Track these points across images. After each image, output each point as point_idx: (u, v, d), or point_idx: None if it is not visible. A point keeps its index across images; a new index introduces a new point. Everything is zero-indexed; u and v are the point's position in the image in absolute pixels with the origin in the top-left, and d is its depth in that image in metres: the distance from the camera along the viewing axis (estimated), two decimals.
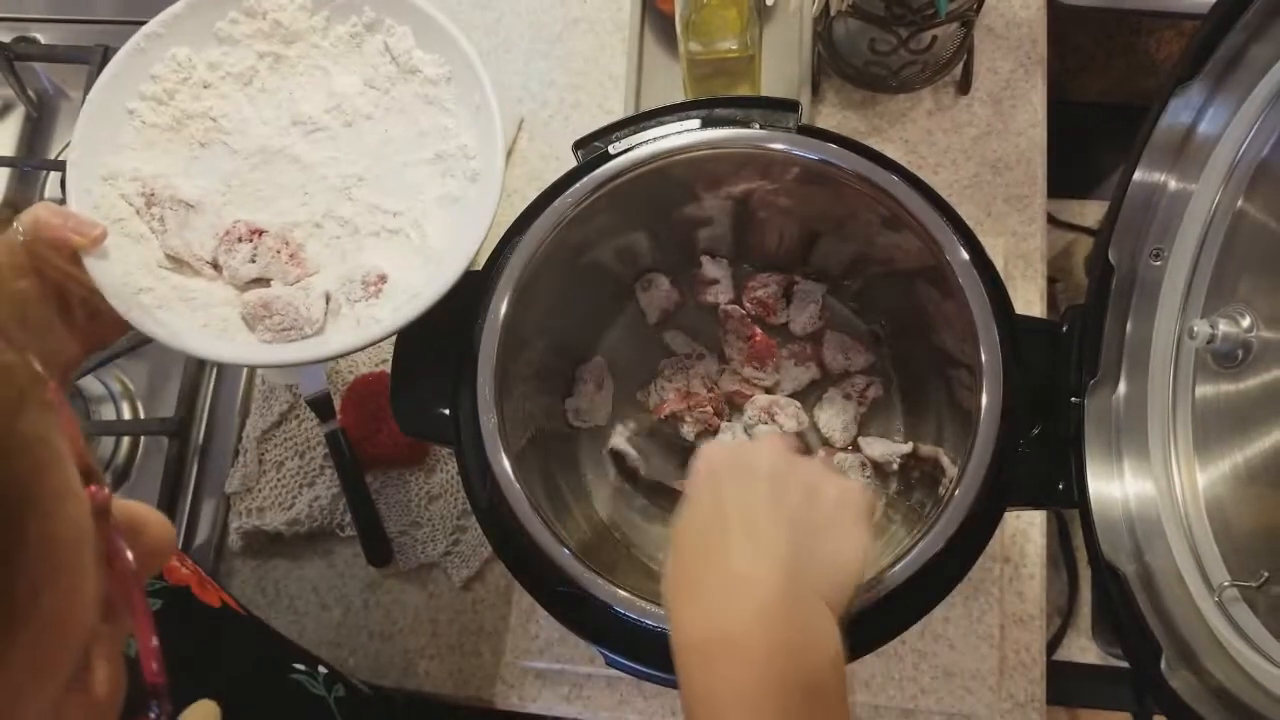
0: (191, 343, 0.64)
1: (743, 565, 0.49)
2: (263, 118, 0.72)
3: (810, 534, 0.51)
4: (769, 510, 0.51)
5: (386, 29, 0.71)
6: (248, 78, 0.72)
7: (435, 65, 0.70)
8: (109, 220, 0.65)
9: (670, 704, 0.84)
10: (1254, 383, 0.53)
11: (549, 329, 0.75)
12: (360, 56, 0.72)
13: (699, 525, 0.53)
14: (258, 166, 0.71)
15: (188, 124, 0.71)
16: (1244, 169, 0.55)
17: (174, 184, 0.69)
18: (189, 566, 0.63)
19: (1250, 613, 0.50)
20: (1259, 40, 0.52)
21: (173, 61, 0.70)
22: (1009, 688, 0.82)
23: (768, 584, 0.48)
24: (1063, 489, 0.61)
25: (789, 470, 0.54)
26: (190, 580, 0.61)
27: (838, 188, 0.67)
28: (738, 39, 0.83)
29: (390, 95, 0.72)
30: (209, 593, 0.62)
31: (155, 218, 0.68)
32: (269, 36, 0.71)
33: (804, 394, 0.82)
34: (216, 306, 0.68)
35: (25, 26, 1.06)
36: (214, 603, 0.61)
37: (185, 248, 0.68)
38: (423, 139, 0.72)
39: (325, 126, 0.72)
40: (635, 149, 0.66)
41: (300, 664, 0.62)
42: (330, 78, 0.72)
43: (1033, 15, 0.97)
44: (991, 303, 0.61)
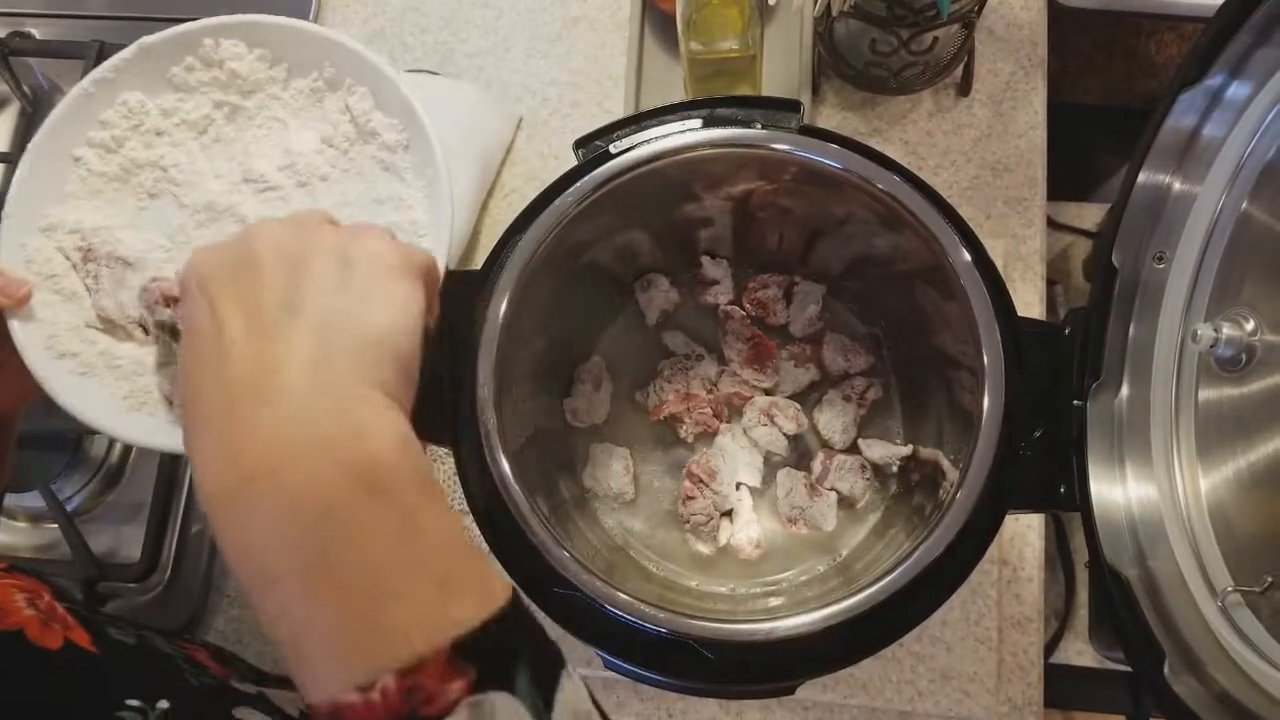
0: (109, 424, 0.60)
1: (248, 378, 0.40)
2: (215, 170, 0.68)
3: (340, 312, 0.43)
4: (281, 305, 0.42)
5: (347, 87, 0.67)
6: (202, 126, 0.68)
7: (394, 130, 0.66)
8: (41, 276, 0.62)
9: (668, 705, 0.84)
10: (1258, 387, 0.53)
11: (548, 329, 0.74)
12: (320, 113, 0.68)
13: (198, 348, 0.43)
14: (204, 224, 0.67)
15: (137, 173, 0.66)
16: (1249, 172, 0.54)
17: (116, 237, 0.65)
18: (42, 604, 0.57)
19: (1254, 618, 0.50)
20: (1266, 43, 0.52)
21: (124, 107, 0.66)
22: (1007, 691, 0.82)
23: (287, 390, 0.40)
24: (1064, 492, 0.61)
25: (300, 249, 0.44)
26: (29, 623, 0.55)
27: (839, 188, 0.66)
28: (739, 39, 0.82)
29: (348, 156, 0.68)
30: (51, 634, 0.56)
31: (90, 274, 0.64)
32: (226, 86, 0.67)
33: (803, 395, 0.81)
34: (145, 375, 0.63)
35: (20, 21, 1.06)
36: (53, 644, 0.55)
37: (118, 309, 0.64)
38: (378, 207, 0.68)
39: (278, 186, 0.68)
40: (636, 148, 0.66)
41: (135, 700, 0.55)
42: (288, 132, 0.68)
43: (1033, 17, 0.97)
44: (993, 305, 0.61)
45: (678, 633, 0.58)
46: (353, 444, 0.39)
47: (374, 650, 0.36)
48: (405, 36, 1.03)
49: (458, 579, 0.39)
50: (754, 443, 0.80)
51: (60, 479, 0.92)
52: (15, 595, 0.57)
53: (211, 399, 0.41)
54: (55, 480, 0.91)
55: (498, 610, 0.38)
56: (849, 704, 0.82)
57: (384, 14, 1.04)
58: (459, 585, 0.38)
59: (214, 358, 0.41)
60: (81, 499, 0.93)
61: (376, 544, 0.37)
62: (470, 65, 1.02)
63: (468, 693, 0.36)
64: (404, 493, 0.39)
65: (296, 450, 0.38)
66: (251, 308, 0.42)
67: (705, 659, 0.59)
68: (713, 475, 0.77)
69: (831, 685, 0.82)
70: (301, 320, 0.42)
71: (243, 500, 0.38)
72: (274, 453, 0.38)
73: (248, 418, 0.39)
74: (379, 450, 0.39)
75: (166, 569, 0.89)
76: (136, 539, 0.89)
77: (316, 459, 0.38)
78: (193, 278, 0.44)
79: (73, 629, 0.57)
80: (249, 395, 0.40)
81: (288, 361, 0.40)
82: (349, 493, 0.38)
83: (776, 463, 0.80)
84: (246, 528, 0.38)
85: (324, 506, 0.37)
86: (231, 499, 0.38)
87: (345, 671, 0.36)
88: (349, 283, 0.44)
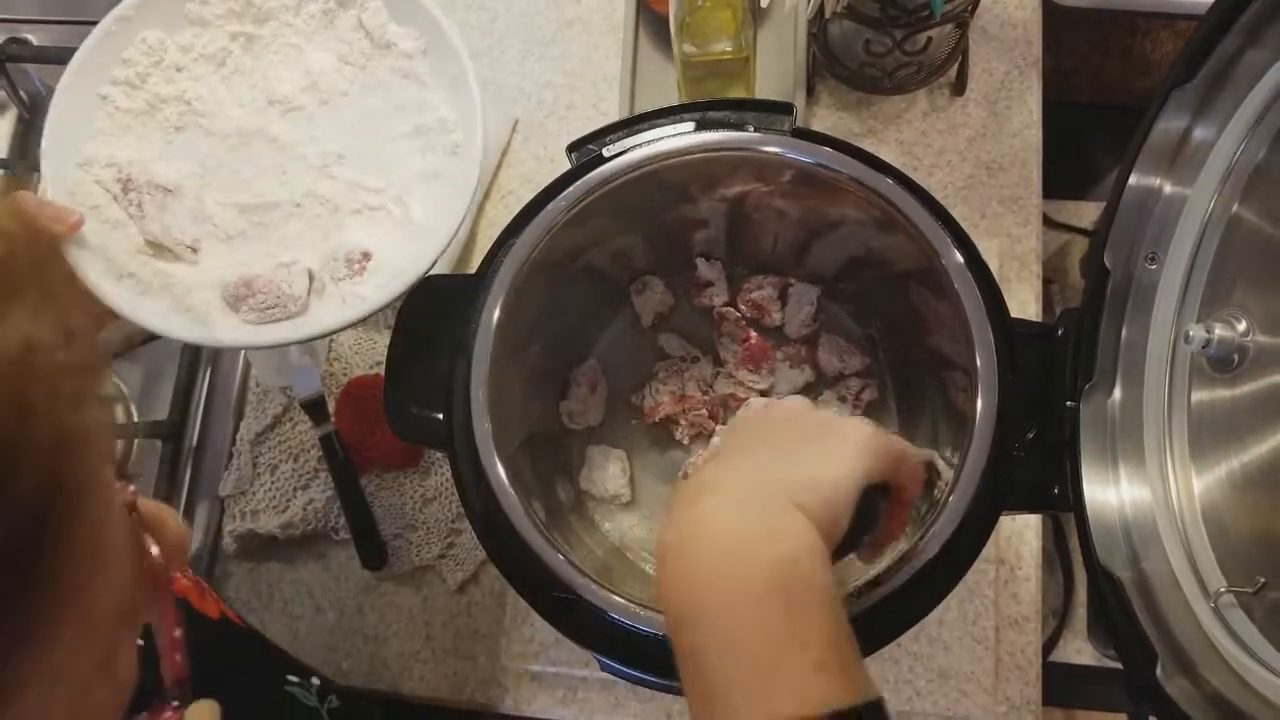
0: (176, 328, 0.64)
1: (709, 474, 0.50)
2: (238, 99, 0.71)
3: (791, 447, 0.51)
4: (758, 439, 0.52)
5: (359, 4, 0.70)
6: (221, 59, 0.71)
7: (410, 39, 0.70)
8: (86, 207, 0.65)
9: (665, 707, 0.84)
10: (1250, 388, 0.53)
11: (543, 332, 0.74)
12: (334, 33, 0.71)
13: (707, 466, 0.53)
14: (235, 148, 0.70)
15: (161, 108, 0.70)
16: (1240, 173, 0.54)
17: (150, 169, 0.68)
18: (189, 577, 0.62)
19: (1247, 619, 0.50)
20: (1256, 44, 0.52)
21: (144, 45, 0.69)
22: (1005, 690, 0.82)
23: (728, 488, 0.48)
24: (1058, 494, 0.61)
25: (801, 416, 0.54)
26: (190, 592, 0.60)
27: (832, 191, 0.67)
28: (732, 40, 0.82)
29: (366, 71, 0.71)
30: (208, 604, 0.61)
31: (133, 203, 0.67)
32: (240, 16, 0.70)
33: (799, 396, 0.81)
34: (198, 290, 0.67)
35: (17, 28, 1.06)
36: (213, 614, 0.61)
37: (164, 233, 0.67)
38: (401, 114, 0.71)
39: (301, 105, 0.71)
40: (630, 152, 0.66)
41: (294, 675, 0.61)
42: (304, 56, 0.71)
43: (1028, 16, 0.97)
44: (986, 306, 0.61)
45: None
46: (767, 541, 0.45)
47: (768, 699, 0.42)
48: None
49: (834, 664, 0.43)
50: None
51: None
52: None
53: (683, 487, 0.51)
54: None
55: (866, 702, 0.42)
56: None
57: None
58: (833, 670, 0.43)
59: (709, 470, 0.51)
60: None
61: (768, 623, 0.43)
62: None
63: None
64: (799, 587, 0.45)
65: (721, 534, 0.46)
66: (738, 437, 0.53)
67: None
68: None
69: None
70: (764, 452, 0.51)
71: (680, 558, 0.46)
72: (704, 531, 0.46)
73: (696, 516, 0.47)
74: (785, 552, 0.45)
75: None
76: None
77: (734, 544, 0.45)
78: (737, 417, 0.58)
79: (220, 603, 0.63)
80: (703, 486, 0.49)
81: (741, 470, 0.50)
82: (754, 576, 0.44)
83: None
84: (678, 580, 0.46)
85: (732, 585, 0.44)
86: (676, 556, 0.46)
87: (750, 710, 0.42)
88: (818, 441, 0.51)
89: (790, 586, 0.44)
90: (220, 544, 0.91)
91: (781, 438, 0.52)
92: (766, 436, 0.52)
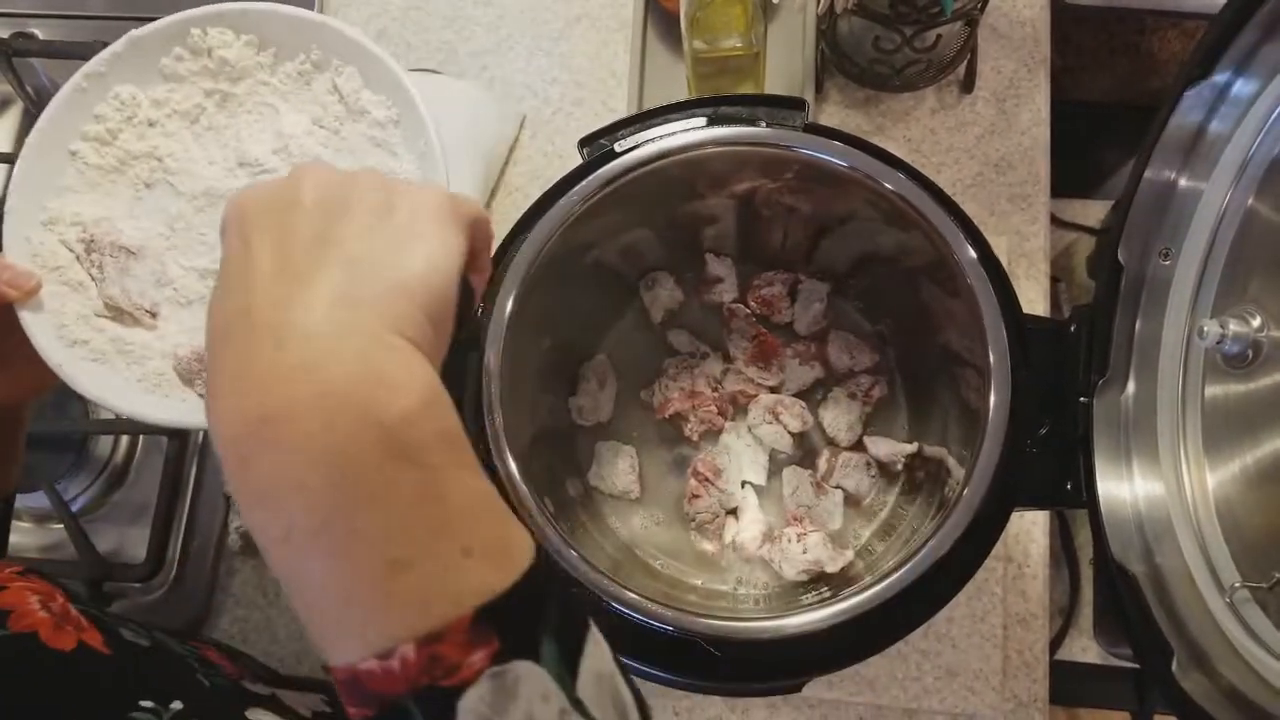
0: (126, 404, 0.62)
1: (270, 315, 0.38)
2: (209, 157, 0.69)
3: (375, 254, 0.41)
4: (313, 243, 0.40)
5: (334, 68, 0.68)
6: (194, 115, 0.69)
7: (383, 107, 0.67)
8: (47, 268, 0.63)
9: (672, 703, 0.84)
10: (1265, 383, 0.53)
11: (553, 327, 0.74)
12: (309, 94, 0.69)
13: (226, 286, 0.41)
14: (203, 209, 0.68)
15: (132, 164, 0.68)
16: (1255, 168, 0.54)
17: (117, 228, 0.66)
18: (55, 607, 0.58)
19: (1262, 614, 0.50)
20: (1271, 39, 0.52)
21: (116, 100, 0.67)
22: (1012, 687, 0.82)
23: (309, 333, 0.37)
24: (1071, 489, 0.61)
25: (344, 193, 0.43)
26: (42, 625, 0.55)
27: (844, 186, 0.66)
28: (742, 37, 0.82)
29: (340, 136, 0.69)
30: (63, 636, 0.56)
31: (94, 265, 0.65)
32: (215, 74, 0.68)
33: (808, 393, 0.81)
34: (154, 359, 0.65)
35: (23, 22, 1.06)
36: (65, 646, 0.55)
37: (124, 296, 0.65)
38: None
39: (272, 169, 0.69)
40: (641, 147, 0.66)
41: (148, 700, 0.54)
42: (279, 116, 0.69)
43: (1036, 14, 0.97)
44: (999, 302, 0.61)
45: (685, 631, 0.59)
46: (375, 394, 0.36)
47: (393, 617, 0.34)
48: (408, 35, 1.03)
49: (482, 544, 0.37)
50: (759, 441, 0.80)
51: (65, 479, 0.92)
52: (29, 598, 0.58)
53: (233, 334, 0.39)
54: (60, 481, 0.91)
55: (522, 574, 0.37)
56: (855, 701, 0.82)
57: (387, 13, 1.04)
58: (483, 551, 0.36)
59: (240, 293, 0.39)
60: (86, 499, 0.93)
61: (396, 505, 0.35)
62: (473, 64, 1.02)
63: (491, 663, 0.35)
64: (430, 451, 0.37)
65: (315, 395, 0.36)
66: (284, 245, 0.40)
67: (712, 657, 0.59)
68: (718, 473, 0.77)
69: (837, 682, 0.82)
70: (330, 259, 0.40)
71: (257, 442, 0.35)
72: (291, 395, 0.36)
73: (267, 356, 0.37)
74: (403, 404, 0.36)
75: (171, 569, 0.90)
76: (141, 539, 0.89)
77: (335, 408, 0.35)
78: (234, 213, 0.42)
79: (86, 630, 0.58)
80: (269, 333, 0.37)
81: (311, 301, 0.38)
82: (369, 447, 0.35)
83: (782, 460, 0.80)
84: (260, 473, 0.35)
85: (341, 460, 0.35)
86: (246, 440, 0.36)
87: (363, 638, 0.34)
88: (388, 226, 0.42)
89: (419, 453, 0.36)
90: (225, 540, 0.91)
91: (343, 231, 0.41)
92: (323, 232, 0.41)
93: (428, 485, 0.36)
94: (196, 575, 0.90)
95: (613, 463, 0.79)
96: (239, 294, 0.39)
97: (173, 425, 0.63)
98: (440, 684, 0.34)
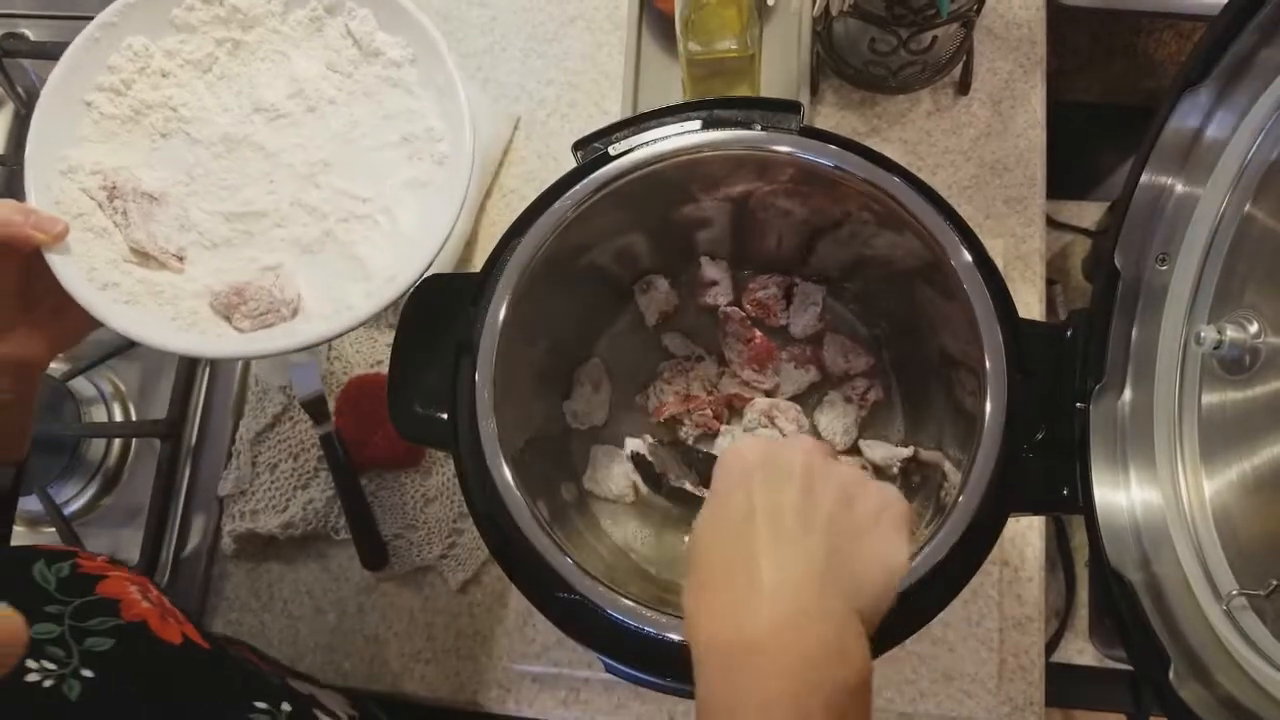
0: (165, 338, 0.63)
1: (772, 569, 0.46)
2: (224, 105, 0.70)
3: (846, 541, 0.49)
4: (802, 512, 0.49)
5: (347, 11, 0.69)
6: (207, 65, 0.70)
7: (398, 47, 0.69)
8: (71, 215, 0.64)
9: (668, 709, 0.84)
10: (1262, 390, 0.53)
11: (548, 331, 0.74)
12: (321, 40, 0.70)
13: (726, 523, 0.50)
14: (221, 155, 0.70)
15: (147, 114, 0.69)
16: (1252, 173, 0.54)
17: (136, 176, 0.67)
18: (152, 597, 0.60)
19: (1259, 622, 0.50)
20: (1270, 43, 0.51)
21: (129, 51, 0.68)
22: (1008, 691, 0.82)
23: (798, 591, 0.46)
24: (1068, 495, 0.60)
25: (825, 471, 0.51)
26: (149, 615, 0.58)
27: (839, 189, 0.66)
28: (737, 39, 0.82)
29: (353, 79, 0.71)
30: (169, 628, 0.58)
31: (118, 211, 0.67)
32: (226, 22, 0.69)
33: (804, 397, 0.81)
34: (186, 299, 0.66)
35: (14, 23, 1.05)
36: (174, 639, 0.58)
37: (150, 241, 0.67)
38: (389, 122, 0.70)
39: (288, 113, 0.70)
40: (636, 150, 0.65)
41: (262, 702, 0.58)
42: (291, 63, 0.71)
43: (1032, 16, 0.97)
44: (995, 306, 0.61)
45: (679, 636, 0.58)
46: (836, 659, 0.44)
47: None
48: None
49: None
50: None
51: (58, 482, 0.92)
52: (129, 587, 0.59)
53: (728, 569, 0.48)
54: (53, 484, 0.91)
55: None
56: None
57: None
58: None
59: (741, 541, 0.48)
60: (80, 503, 0.93)
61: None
62: (467, 65, 1.01)
63: None
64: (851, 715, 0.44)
65: (799, 642, 0.44)
66: (778, 511, 0.49)
67: None
68: None
69: None
70: (815, 541, 0.48)
71: (741, 664, 0.44)
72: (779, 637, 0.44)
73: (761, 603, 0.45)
74: (851, 676, 0.44)
75: (165, 572, 0.89)
76: (135, 542, 0.89)
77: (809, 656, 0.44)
78: (737, 464, 0.52)
79: (184, 623, 0.60)
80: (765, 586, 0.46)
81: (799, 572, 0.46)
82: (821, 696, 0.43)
83: None
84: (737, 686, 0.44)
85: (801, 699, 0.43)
86: (730, 658, 0.45)
87: None
88: (858, 518, 0.50)
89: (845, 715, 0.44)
90: (219, 544, 0.90)
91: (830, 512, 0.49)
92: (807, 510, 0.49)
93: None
94: (190, 579, 0.90)
95: (608, 467, 0.79)
96: (743, 537, 0.48)
97: (216, 356, 0.68)
98: None
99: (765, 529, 0.48)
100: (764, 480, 0.50)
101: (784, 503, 0.49)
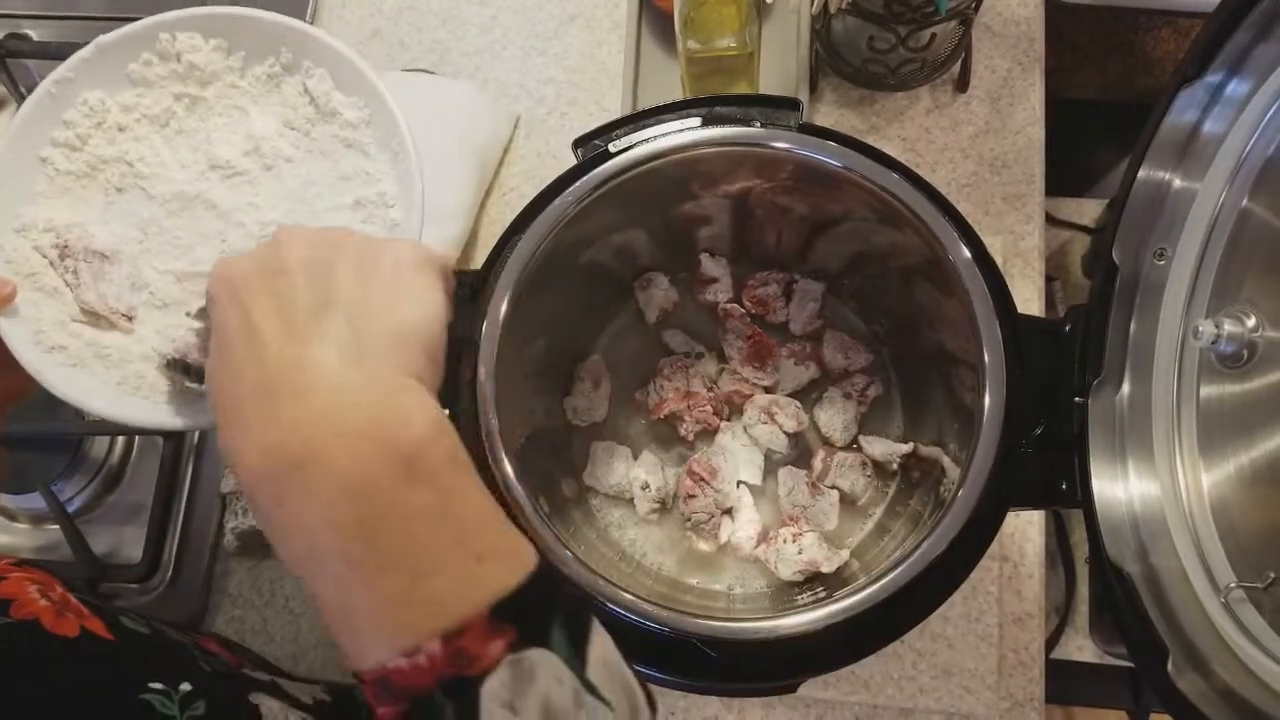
0: (108, 408, 0.62)
1: (286, 375, 0.43)
2: (180, 161, 0.69)
3: (369, 308, 0.46)
4: (311, 304, 0.45)
5: (304, 70, 0.68)
6: (164, 120, 0.69)
7: (354, 108, 0.67)
8: (21, 275, 0.63)
9: (669, 704, 0.84)
10: (1259, 383, 0.53)
11: (547, 328, 0.74)
12: (279, 97, 0.69)
13: (231, 350, 0.45)
14: (175, 213, 0.68)
15: (102, 169, 0.68)
16: (1249, 168, 0.54)
17: (89, 233, 0.66)
18: (55, 595, 0.58)
19: (1257, 614, 0.50)
20: (1266, 38, 0.52)
21: (85, 106, 0.67)
22: (1008, 686, 0.82)
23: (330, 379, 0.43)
24: (1066, 489, 0.61)
25: (329, 254, 0.47)
26: (44, 612, 0.56)
27: (839, 186, 0.66)
28: (736, 36, 0.82)
29: (310, 137, 0.69)
30: (65, 623, 0.57)
31: (69, 270, 0.65)
32: (184, 78, 0.68)
33: (804, 393, 0.81)
34: (134, 362, 0.65)
35: (17, 23, 1.05)
36: (69, 633, 0.56)
37: (100, 301, 0.65)
38: (345, 183, 0.69)
39: (244, 170, 0.69)
40: (635, 147, 0.66)
41: (158, 683, 0.55)
42: (249, 119, 0.69)
43: (1030, 13, 0.97)
44: (994, 302, 0.61)
45: (680, 631, 0.59)
46: (392, 429, 0.41)
47: (417, 620, 0.39)
48: (402, 36, 1.03)
49: (493, 550, 0.42)
50: (754, 441, 0.80)
51: (61, 480, 0.92)
52: (28, 587, 0.58)
53: (250, 398, 0.43)
54: (56, 482, 0.91)
55: (530, 574, 0.42)
56: (850, 701, 0.82)
57: (381, 13, 1.04)
58: (494, 556, 0.41)
59: (251, 361, 0.44)
60: (82, 500, 0.93)
61: (419, 524, 0.41)
62: (467, 64, 1.01)
63: (509, 651, 0.39)
64: (442, 474, 0.42)
65: (340, 436, 0.41)
66: (283, 310, 0.45)
67: (708, 658, 0.59)
68: (713, 473, 0.77)
69: (833, 682, 0.82)
70: (334, 319, 0.45)
71: (288, 483, 0.40)
72: (319, 439, 0.41)
73: (291, 411, 0.42)
74: (415, 434, 0.41)
75: (168, 569, 0.89)
76: (138, 539, 0.89)
77: (359, 444, 0.41)
78: (223, 285, 0.47)
79: (87, 618, 0.58)
80: (289, 390, 0.42)
81: (323, 357, 0.43)
82: (393, 477, 0.40)
83: (777, 461, 0.80)
84: (292, 510, 0.40)
85: (370, 490, 0.40)
86: (277, 481, 0.41)
87: (391, 641, 0.39)
88: (375, 281, 0.47)
89: (434, 475, 0.41)
90: (221, 541, 0.91)
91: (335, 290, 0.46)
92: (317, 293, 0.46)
93: (442, 503, 0.42)
94: (192, 576, 0.90)
95: (608, 463, 0.79)
96: (250, 361, 0.44)
97: (155, 428, 0.63)
98: (465, 673, 0.39)
99: (274, 336, 0.44)
100: (259, 290, 0.46)
101: (290, 300, 0.45)
